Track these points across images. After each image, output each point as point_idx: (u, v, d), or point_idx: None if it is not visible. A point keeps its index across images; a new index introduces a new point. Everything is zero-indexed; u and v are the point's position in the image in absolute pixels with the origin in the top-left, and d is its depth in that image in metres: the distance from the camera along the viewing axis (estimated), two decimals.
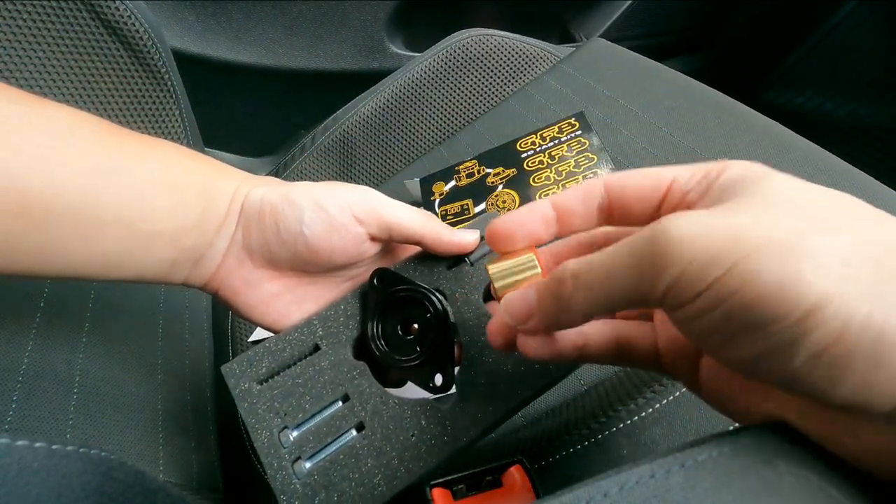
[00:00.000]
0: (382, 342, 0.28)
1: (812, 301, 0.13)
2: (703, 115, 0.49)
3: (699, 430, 0.30)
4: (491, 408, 0.25)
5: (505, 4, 0.94)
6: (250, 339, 0.50)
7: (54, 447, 0.20)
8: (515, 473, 0.25)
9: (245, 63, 0.85)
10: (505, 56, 0.65)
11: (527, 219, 0.21)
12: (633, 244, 0.16)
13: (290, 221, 0.28)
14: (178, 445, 0.35)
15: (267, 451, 0.25)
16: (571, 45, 0.88)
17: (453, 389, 0.26)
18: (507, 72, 0.65)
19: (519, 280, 0.21)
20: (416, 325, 0.29)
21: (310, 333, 0.29)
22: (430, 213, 0.29)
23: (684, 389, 0.31)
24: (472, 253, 0.29)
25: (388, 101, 0.65)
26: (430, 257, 0.30)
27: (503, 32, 0.65)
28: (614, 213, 0.20)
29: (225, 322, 0.53)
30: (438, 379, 0.26)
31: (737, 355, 0.15)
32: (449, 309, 0.28)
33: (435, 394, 0.26)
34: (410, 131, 0.66)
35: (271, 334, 0.29)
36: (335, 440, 0.26)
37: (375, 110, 0.65)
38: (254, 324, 0.31)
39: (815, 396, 0.14)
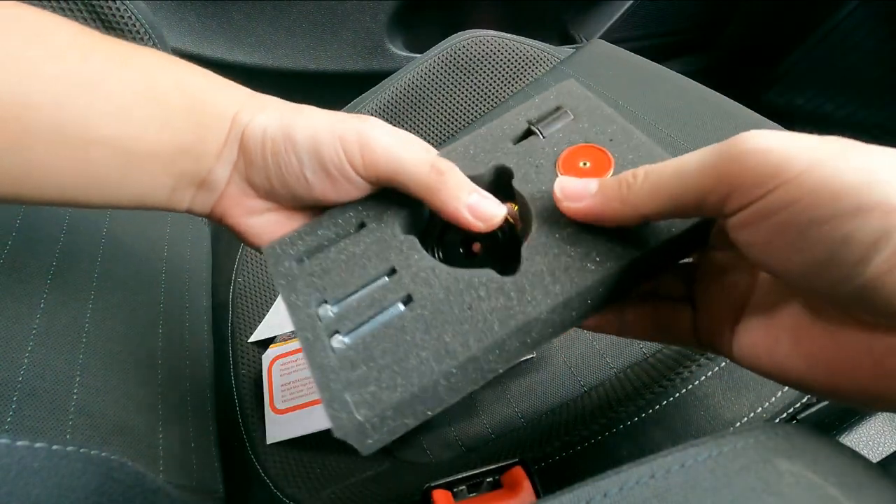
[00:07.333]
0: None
1: None
2: (704, 116, 0.49)
3: (699, 430, 0.30)
4: (571, 279, 0.21)
5: (505, 6, 0.94)
6: (251, 340, 0.50)
7: (54, 447, 0.20)
8: (516, 474, 0.25)
9: (245, 63, 0.85)
10: (505, 57, 0.65)
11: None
12: (705, 152, 0.17)
13: (291, 164, 0.25)
14: (178, 446, 0.35)
15: (303, 325, 0.23)
16: (572, 46, 0.88)
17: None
18: (507, 73, 0.65)
19: None
20: (478, 244, 0.27)
21: (355, 214, 0.27)
22: (447, 162, 0.25)
23: (684, 391, 0.31)
24: (542, 121, 0.27)
25: (388, 102, 0.65)
26: (492, 134, 0.28)
27: (503, 34, 0.66)
28: None
29: (225, 323, 0.53)
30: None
31: (810, 256, 0.15)
32: (511, 222, 0.26)
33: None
34: (410, 132, 0.66)
35: (272, 334, 0.29)
36: (379, 313, 0.23)
37: (375, 111, 0.65)
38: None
39: (876, 312, 0.14)
